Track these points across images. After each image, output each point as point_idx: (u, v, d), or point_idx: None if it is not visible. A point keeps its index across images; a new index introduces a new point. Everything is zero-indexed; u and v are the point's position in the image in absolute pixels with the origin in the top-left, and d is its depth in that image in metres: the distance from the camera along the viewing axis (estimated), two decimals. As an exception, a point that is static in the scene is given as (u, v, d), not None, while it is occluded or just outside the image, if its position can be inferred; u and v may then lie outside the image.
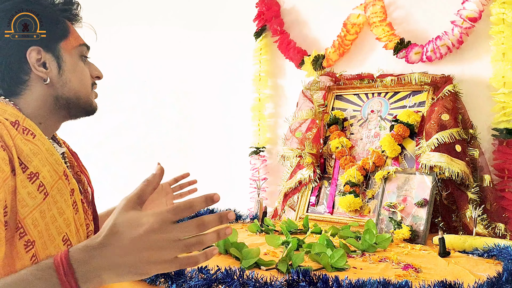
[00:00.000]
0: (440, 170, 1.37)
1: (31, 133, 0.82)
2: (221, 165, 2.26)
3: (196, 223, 0.58)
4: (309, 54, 1.95)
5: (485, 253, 1.09)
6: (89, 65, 0.97)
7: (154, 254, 0.57)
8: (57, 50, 0.88)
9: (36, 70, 0.85)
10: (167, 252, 0.57)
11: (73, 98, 0.91)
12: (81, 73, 0.92)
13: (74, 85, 0.90)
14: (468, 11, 1.53)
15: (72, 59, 0.91)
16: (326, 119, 1.76)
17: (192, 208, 0.59)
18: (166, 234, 0.57)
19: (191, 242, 0.58)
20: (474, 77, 1.60)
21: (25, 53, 0.84)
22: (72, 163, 0.98)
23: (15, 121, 0.81)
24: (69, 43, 0.91)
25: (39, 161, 0.81)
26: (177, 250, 0.57)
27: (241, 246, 0.98)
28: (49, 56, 0.88)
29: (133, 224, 0.58)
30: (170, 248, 0.57)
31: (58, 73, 0.89)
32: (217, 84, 2.29)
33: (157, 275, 0.79)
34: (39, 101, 0.88)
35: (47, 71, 0.87)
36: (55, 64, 0.88)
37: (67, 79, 0.90)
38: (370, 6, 1.76)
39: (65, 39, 0.90)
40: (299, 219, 1.61)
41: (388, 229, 1.34)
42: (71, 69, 0.90)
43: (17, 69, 0.85)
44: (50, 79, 0.87)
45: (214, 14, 2.30)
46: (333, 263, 0.91)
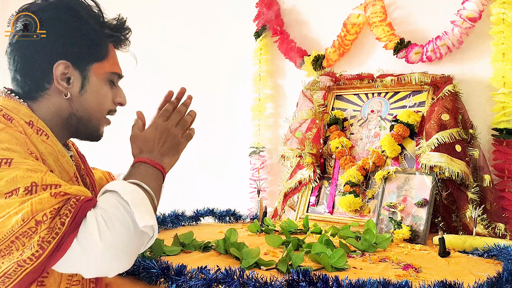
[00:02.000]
0: (440, 170, 1.37)
1: (45, 134, 0.84)
2: (221, 165, 2.26)
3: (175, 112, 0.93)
4: (309, 54, 1.95)
5: (485, 253, 1.09)
6: (117, 90, 0.96)
7: (174, 137, 0.90)
8: (86, 70, 0.89)
9: (58, 83, 0.86)
10: (176, 133, 0.91)
11: (85, 119, 0.91)
12: (102, 97, 0.92)
13: (91, 107, 0.91)
14: (468, 11, 1.53)
15: (98, 82, 0.91)
16: (326, 119, 1.76)
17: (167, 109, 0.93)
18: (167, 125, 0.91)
19: (181, 123, 0.93)
20: (474, 77, 1.60)
21: (54, 64, 0.84)
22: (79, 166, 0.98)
23: (30, 121, 0.83)
24: (102, 68, 0.91)
25: (53, 161, 0.82)
26: (178, 130, 0.91)
27: (241, 246, 0.98)
28: (76, 73, 0.88)
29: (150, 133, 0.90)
30: (176, 130, 0.91)
31: (79, 91, 0.89)
32: (217, 84, 2.29)
33: (157, 275, 0.79)
34: (53, 111, 0.88)
35: (68, 87, 0.87)
36: (79, 83, 0.88)
37: (87, 99, 0.90)
38: (370, 6, 1.76)
39: (99, 62, 0.90)
40: (299, 219, 1.61)
41: (388, 229, 1.34)
42: (94, 91, 0.90)
43: (41, 76, 0.86)
44: (70, 95, 0.88)
45: (214, 14, 2.30)
46: (333, 263, 0.91)
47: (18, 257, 0.65)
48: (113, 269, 0.70)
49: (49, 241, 0.66)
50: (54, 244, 0.66)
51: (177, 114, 0.93)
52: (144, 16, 2.47)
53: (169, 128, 0.91)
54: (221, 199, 1.85)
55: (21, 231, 0.66)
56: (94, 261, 0.67)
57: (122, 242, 0.69)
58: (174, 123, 0.91)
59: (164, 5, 2.46)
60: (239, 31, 2.21)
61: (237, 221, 1.59)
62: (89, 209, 0.70)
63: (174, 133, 0.91)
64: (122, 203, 0.72)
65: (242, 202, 1.99)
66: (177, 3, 2.41)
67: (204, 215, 1.53)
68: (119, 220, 0.70)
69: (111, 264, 0.69)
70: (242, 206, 1.76)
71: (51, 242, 0.65)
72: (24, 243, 0.65)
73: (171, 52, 2.43)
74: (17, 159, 0.72)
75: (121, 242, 0.69)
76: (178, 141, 0.91)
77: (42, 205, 0.67)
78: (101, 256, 0.67)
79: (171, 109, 0.93)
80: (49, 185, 0.70)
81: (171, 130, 0.91)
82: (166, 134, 0.90)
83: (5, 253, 0.66)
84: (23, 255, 0.65)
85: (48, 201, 0.68)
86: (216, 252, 1.04)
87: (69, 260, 0.67)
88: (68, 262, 0.68)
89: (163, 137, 0.90)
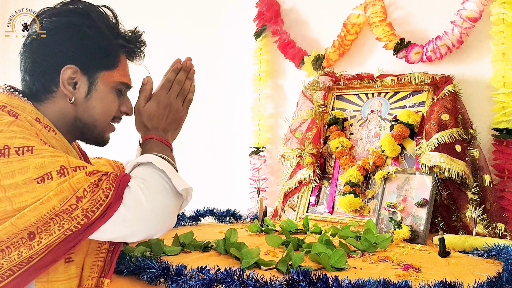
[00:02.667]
0: (440, 170, 1.37)
1: (53, 130, 0.85)
2: (221, 165, 2.26)
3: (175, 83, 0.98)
4: (309, 54, 1.95)
5: (485, 253, 1.09)
6: (124, 99, 0.97)
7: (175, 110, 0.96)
8: (95, 77, 0.90)
9: (64, 87, 0.87)
10: (177, 105, 0.96)
11: (90, 125, 0.92)
12: (108, 104, 0.93)
13: (96, 113, 0.92)
14: (468, 11, 1.53)
15: (105, 89, 0.92)
16: (326, 119, 1.76)
17: (168, 79, 0.97)
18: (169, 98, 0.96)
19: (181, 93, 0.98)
20: (474, 77, 1.60)
21: (62, 67, 0.85)
22: None
23: (36, 118, 0.84)
24: (111, 76, 0.92)
25: None
26: (179, 101, 0.97)
27: (241, 246, 0.98)
28: (84, 79, 0.89)
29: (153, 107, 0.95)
30: (176, 102, 0.96)
31: (85, 97, 0.90)
32: (217, 84, 2.29)
33: (157, 275, 0.79)
34: (59, 114, 0.89)
35: (73, 92, 0.88)
36: (86, 88, 0.89)
37: (92, 106, 0.91)
38: (370, 6, 1.76)
39: (108, 71, 0.91)
40: (299, 219, 1.61)
41: (388, 229, 1.34)
42: (100, 98, 0.91)
43: (49, 78, 0.87)
44: (75, 100, 0.88)
45: (214, 14, 2.30)
46: (333, 263, 0.91)
47: (60, 228, 0.71)
48: (159, 228, 0.79)
49: (93, 210, 0.73)
50: (99, 214, 0.73)
51: (177, 84, 0.97)
52: (144, 16, 2.47)
53: (171, 102, 0.95)
54: (221, 199, 1.85)
55: (62, 209, 0.72)
56: (143, 223, 0.76)
57: (165, 203, 0.79)
58: (175, 94, 0.96)
59: (164, 5, 2.46)
60: (239, 31, 2.21)
61: (237, 221, 1.59)
62: (128, 182, 0.78)
63: (175, 107, 0.96)
64: (158, 172, 0.81)
65: (242, 202, 1.99)
66: (177, 3, 2.41)
67: (204, 215, 1.53)
68: (160, 186, 0.79)
69: (158, 224, 0.78)
70: (242, 206, 1.76)
71: (95, 212, 0.73)
72: (64, 218, 0.72)
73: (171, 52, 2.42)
74: (37, 146, 0.75)
75: (164, 204, 0.79)
76: (180, 116, 0.97)
77: (80, 184, 0.74)
78: (149, 217, 0.76)
79: (172, 78, 0.97)
80: (77, 166, 0.76)
81: (173, 104, 0.95)
82: (168, 109, 0.95)
83: (42, 229, 0.71)
84: (65, 226, 0.71)
85: (85, 179, 0.74)
86: (216, 252, 1.04)
87: (115, 227, 0.75)
88: (113, 229, 0.75)
89: (165, 112, 0.95)
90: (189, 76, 0.99)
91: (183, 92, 0.98)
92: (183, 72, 0.98)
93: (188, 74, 0.99)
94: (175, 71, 0.99)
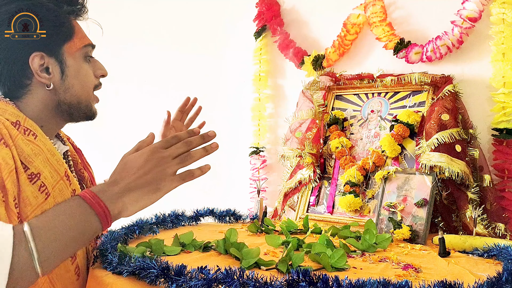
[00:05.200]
0: (440, 170, 1.37)
1: (33, 134, 0.82)
2: (221, 165, 2.26)
3: (182, 142, 0.76)
4: (309, 54, 1.95)
5: (485, 253, 1.09)
6: (94, 63, 0.95)
7: (159, 171, 0.72)
8: (61, 54, 0.87)
9: (39, 77, 0.84)
10: (169, 166, 0.73)
11: (75, 104, 0.90)
12: (84, 77, 0.90)
13: (76, 91, 0.89)
14: (468, 11, 1.53)
15: (75, 63, 0.89)
16: (326, 119, 1.76)
17: (177, 137, 0.76)
18: (162, 154, 0.73)
19: (183, 156, 0.75)
20: (474, 77, 1.60)
21: (28, 58, 0.84)
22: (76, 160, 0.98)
23: (16, 122, 0.81)
24: (74, 45, 0.89)
25: (41, 162, 0.81)
26: (174, 164, 0.73)
27: (241, 246, 0.98)
28: (53, 61, 0.86)
29: (136, 157, 0.73)
30: (169, 163, 0.73)
31: (61, 78, 0.87)
32: (217, 84, 2.29)
33: (157, 275, 0.79)
34: (41, 105, 0.87)
35: (50, 77, 0.86)
36: (58, 69, 0.87)
37: (70, 85, 0.88)
38: (370, 6, 1.76)
39: (69, 41, 0.88)
40: (299, 219, 1.61)
41: (388, 229, 1.34)
42: (74, 74, 0.89)
43: (19, 74, 0.84)
44: (53, 85, 0.86)
45: (214, 14, 2.30)
46: (333, 263, 0.91)
47: None
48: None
49: None
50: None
51: (185, 144, 0.76)
52: (144, 16, 2.47)
53: (162, 158, 0.73)
54: (221, 199, 1.85)
55: None
56: None
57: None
58: (173, 153, 0.75)
59: (164, 5, 2.46)
60: (239, 31, 2.21)
61: (237, 221, 1.59)
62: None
63: (163, 167, 0.72)
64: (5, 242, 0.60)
65: (242, 202, 1.99)
66: (177, 3, 2.41)
67: (204, 215, 1.53)
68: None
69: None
70: (242, 206, 1.76)
71: None
72: None
73: (170, 52, 2.42)
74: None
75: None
76: (162, 177, 0.72)
77: None
78: None
79: (182, 137, 0.77)
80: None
81: (162, 160, 0.73)
82: (152, 164, 0.72)
83: None
84: None
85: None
86: (216, 252, 1.04)
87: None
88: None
89: (145, 167, 0.72)
90: (206, 148, 0.78)
91: (185, 158, 0.75)
92: (201, 138, 0.78)
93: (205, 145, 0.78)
94: (190, 133, 0.78)
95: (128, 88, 2.45)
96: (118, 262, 0.84)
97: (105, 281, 0.82)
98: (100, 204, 0.68)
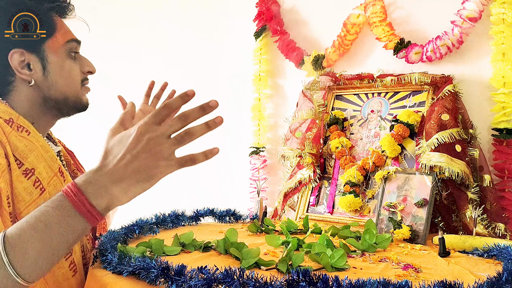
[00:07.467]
0: (440, 170, 1.37)
1: (26, 130, 0.82)
2: (221, 165, 2.26)
3: (178, 116, 0.61)
4: (309, 54, 1.95)
5: (485, 253, 1.09)
6: (81, 60, 0.93)
7: (151, 154, 0.59)
8: (42, 51, 0.86)
9: (20, 73, 0.84)
10: (162, 148, 0.59)
11: (61, 99, 0.89)
12: (68, 73, 0.89)
13: (61, 87, 0.88)
14: (468, 11, 1.53)
15: (58, 59, 0.88)
16: (326, 119, 1.76)
17: (167, 106, 0.61)
18: (154, 132, 0.59)
19: (180, 134, 0.61)
20: (474, 77, 1.60)
21: (7, 55, 0.83)
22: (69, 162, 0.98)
23: (9, 119, 0.81)
24: (56, 42, 0.88)
25: (35, 158, 0.81)
26: (170, 145, 0.60)
27: (241, 246, 0.98)
28: (33, 57, 0.86)
29: (122, 138, 0.61)
30: (163, 144, 0.59)
31: (43, 74, 0.86)
32: (217, 84, 2.29)
33: (157, 275, 0.79)
34: (28, 102, 0.86)
35: (31, 73, 0.85)
36: (40, 66, 0.86)
37: (53, 81, 0.87)
38: (370, 6, 1.76)
39: (50, 38, 0.87)
40: (299, 219, 1.61)
41: (388, 229, 1.34)
42: (57, 70, 0.88)
43: (2, 71, 0.84)
44: (35, 81, 0.85)
45: (214, 14, 2.30)
46: (333, 263, 0.91)
47: None
48: None
49: None
50: None
51: (181, 119, 0.61)
52: (144, 16, 2.47)
53: (154, 137, 0.59)
54: (221, 199, 1.85)
55: None
56: None
57: None
58: (167, 131, 0.60)
59: (163, 5, 2.46)
60: (239, 31, 2.21)
61: (237, 221, 1.59)
62: None
63: (157, 149, 0.59)
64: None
65: (242, 202, 1.99)
66: (177, 3, 2.41)
67: (204, 215, 1.53)
68: None
69: None
70: (242, 206, 1.76)
71: None
72: None
73: (170, 52, 2.42)
74: None
75: None
76: (156, 162, 0.59)
77: None
78: None
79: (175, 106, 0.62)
80: None
81: (154, 141, 0.59)
82: (143, 145, 0.58)
83: None
84: None
85: None
86: (216, 252, 1.04)
87: None
88: None
89: (135, 149, 0.59)
90: (209, 123, 0.62)
91: (183, 137, 0.61)
92: (200, 109, 0.62)
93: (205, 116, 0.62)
94: (183, 98, 0.62)
95: (128, 88, 2.45)
96: (118, 262, 0.84)
97: (104, 281, 0.82)
98: (84, 203, 0.60)
